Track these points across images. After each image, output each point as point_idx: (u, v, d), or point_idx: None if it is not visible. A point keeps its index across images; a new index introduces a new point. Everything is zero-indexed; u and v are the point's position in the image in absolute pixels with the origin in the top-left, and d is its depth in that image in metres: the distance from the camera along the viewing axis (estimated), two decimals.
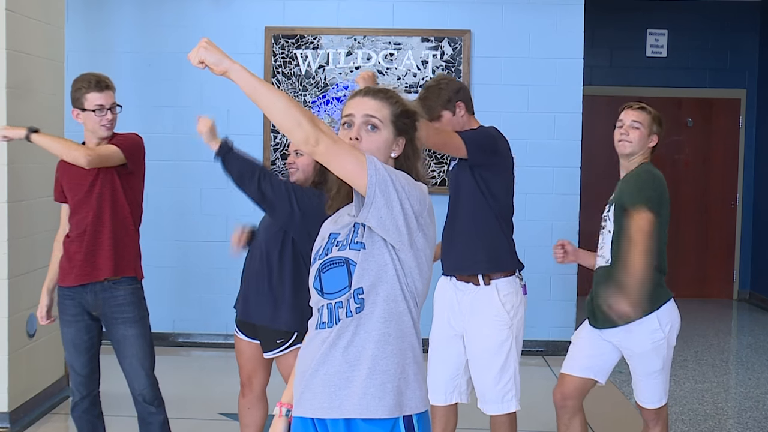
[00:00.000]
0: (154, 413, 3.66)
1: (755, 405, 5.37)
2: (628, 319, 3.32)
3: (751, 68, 8.96)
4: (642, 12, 8.84)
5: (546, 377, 5.87)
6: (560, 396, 3.59)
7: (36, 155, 4.80)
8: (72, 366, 3.68)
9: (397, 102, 2.16)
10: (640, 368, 3.48)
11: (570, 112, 6.47)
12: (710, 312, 8.43)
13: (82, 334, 3.62)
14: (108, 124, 3.54)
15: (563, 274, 6.47)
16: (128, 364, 3.62)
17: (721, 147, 9.06)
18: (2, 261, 4.50)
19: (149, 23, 6.54)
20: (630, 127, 3.46)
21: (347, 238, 2.12)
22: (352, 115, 2.13)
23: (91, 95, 3.51)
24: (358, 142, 2.09)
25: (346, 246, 2.10)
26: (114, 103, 3.57)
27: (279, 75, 6.50)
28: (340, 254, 2.10)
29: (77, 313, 3.61)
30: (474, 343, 3.52)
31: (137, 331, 3.60)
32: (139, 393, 3.63)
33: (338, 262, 2.10)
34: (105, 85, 3.54)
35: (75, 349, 3.63)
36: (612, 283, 3.35)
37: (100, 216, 3.53)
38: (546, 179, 6.40)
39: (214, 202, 6.48)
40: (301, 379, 2.13)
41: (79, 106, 3.55)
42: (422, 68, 6.48)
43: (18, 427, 4.55)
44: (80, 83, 3.55)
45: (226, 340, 6.52)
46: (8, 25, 4.46)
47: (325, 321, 2.09)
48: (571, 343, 3.67)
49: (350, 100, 2.17)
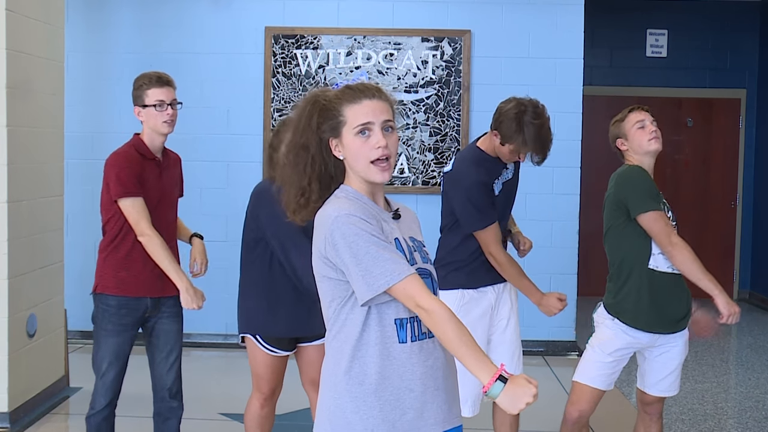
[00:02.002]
0: (176, 408, 3.67)
1: (755, 405, 5.37)
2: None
3: (751, 68, 8.96)
4: (642, 12, 8.84)
5: (546, 377, 5.87)
6: (578, 414, 3.51)
7: (36, 155, 4.81)
8: (104, 374, 3.53)
9: (389, 98, 2.16)
10: (681, 359, 3.53)
11: (570, 112, 6.47)
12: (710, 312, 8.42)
13: (127, 346, 3.56)
14: (169, 119, 3.53)
15: (563, 274, 6.46)
16: (164, 357, 3.62)
17: (721, 147, 9.06)
18: (2, 261, 4.50)
19: (149, 23, 6.54)
20: (653, 123, 3.49)
21: (418, 250, 2.16)
22: (372, 123, 2.07)
23: (152, 91, 3.51)
24: (386, 149, 2.07)
25: (427, 260, 2.18)
26: (174, 99, 3.57)
27: (279, 75, 6.50)
28: (425, 267, 2.15)
29: (131, 323, 3.54)
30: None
31: (179, 326, 3.67)
32: (168, 388, 3.63)
33: (425, 275, 2.13)
34: (166, 81, 3.55)
35: (117, 359, 3.53)
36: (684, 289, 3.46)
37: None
38: (546, 179, 6.40)
39: (214, 202, 6.48)
40: (421, 395, 2.07)
41: (140, 104, 3.54)
42: (422, 68, 6.48)
43: (18, 427, 4.55)
44: (141, 80, 3.55)
45: (226, 340, 6.52)
46: (8, 25, 4.46)
47: (425, 332, 2.09)
48: (600, 353, 3.47)
49: (353, 104, 2.08)
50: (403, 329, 2.06)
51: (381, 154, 2.06)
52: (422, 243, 2.21)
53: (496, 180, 3.59)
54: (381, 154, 2.06)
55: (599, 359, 3.45)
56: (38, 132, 4.84)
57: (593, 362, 3.46)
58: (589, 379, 3.47)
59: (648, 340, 3.45)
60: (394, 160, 2.10)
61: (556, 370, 6.00)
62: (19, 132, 4.61)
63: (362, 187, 2.13)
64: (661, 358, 3.50)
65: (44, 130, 4.92)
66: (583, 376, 3.49)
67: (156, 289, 3.54)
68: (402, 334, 2.06)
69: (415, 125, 6.51)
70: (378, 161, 2.07)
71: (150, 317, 3.59)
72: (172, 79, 3.60)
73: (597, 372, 3.46)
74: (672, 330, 3.47)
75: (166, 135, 3.57)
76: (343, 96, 2.10)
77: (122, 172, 3.43)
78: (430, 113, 6.50)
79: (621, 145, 3.56)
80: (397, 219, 2.17)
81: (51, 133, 5.01)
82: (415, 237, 2.19)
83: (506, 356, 3.62)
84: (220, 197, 6.44)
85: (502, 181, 3.63)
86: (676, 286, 3.47)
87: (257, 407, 3.60)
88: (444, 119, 6.50)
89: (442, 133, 6.50)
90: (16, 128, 4.57)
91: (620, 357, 3.47)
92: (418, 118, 6.51)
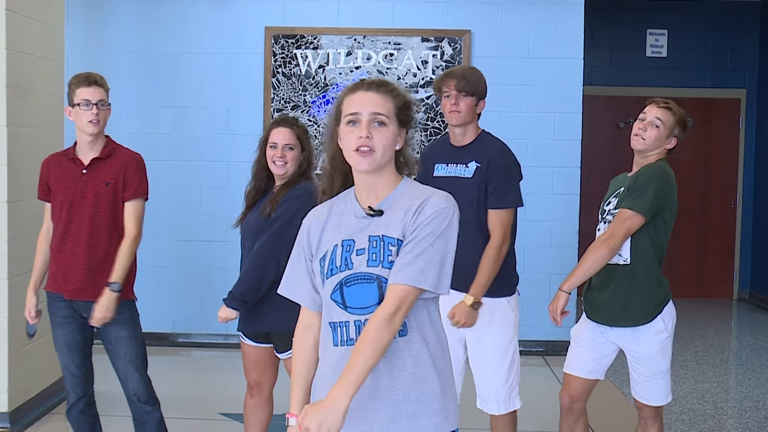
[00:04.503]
0: (150, 412, 3.66)
1: (755, 405, 5.37)
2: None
3: (751, 68, 8.96)
4: (642, 12, 8.84)
5: (546, 377, 5.87)
6: (569, 399, 3.54)
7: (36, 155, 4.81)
8: (66, 367, 3.65)
9: (398, 95, 2.15)
10: (648, 369, 3.43)
11: (570, 112, 6.47)
12: (710, 312, 8.43)
13: (76, 335, 3.61)
14: (94, 119, 3.48)
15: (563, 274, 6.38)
16: (121, 365, 3.62)
17: (721, 147, 9.07)
18: (2, 261, 4.50)
19: (149, 23, 6.54)
20: (650, 123, 3.38)
21: (376, 253, 2.06)
22: (359, 113, 2.09)
23: (80, 90, 3.50)
24: (368, 139, 2.07)
25: (377, 263, 2.05)
26: (102, 100, 3.52)
27: (279, 75, 6.50)
28: (371, 271, 2.05)
29: (69, 315, 3.60)
30: (482, 345, 3.49)
31: (129, 332, 3.61)
32: (134, 393, 3.63)
33: (367, 279, 2.06)
34: (93, 81, 3.53)
35: (69, 350, 3.61)
36: (635, 281, 3.33)
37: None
38: (546, 179, 6.40)
39: (214, 202, 6.48)
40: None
41: (70, 103, 3.55)
42: (422, 68, 6.48)
43: (18, 427, 4.56)
44: (72, 80, 3.57)
45: (226, 340, 6.52)
46: (8, 25, 4.46)
47: (353, 338, 2.06)
48: (573, 341, 3.59)
49: (350, 95, 2.13)
50: (335, 332, 2.13)
51: (360, 143, 2.07)
52: (393, 241, 2.06)
53: (443, 164, 3.52)
54: (360, 144, 2.07)
55: (571, 345, 3.58)
56: (38, 132, 4.84)
57: (569, 349, 3.59)
58: (566, 365, 3.57)
59: (609, 334, 3.46)
60: (380, 153, 2.08)
61: (555, 370, 5.99)
62: (19, 132, 4.61)
63: (356, 178, 2.16)
64: (636, 364, 3.48)
65: (44, 130, 4.92)
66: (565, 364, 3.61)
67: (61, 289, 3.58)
68: (335, 337, 2.13)
69: (415, 125, 6.50)
70: (359, 150, 2.08)
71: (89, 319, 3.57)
72: (104, 81, 3.58)
73: (570, 357, 3.56)
74: (598, 320, 3.45)
75: (93, 135, 3.52)
76: (347, 88, 2.17)
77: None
78: (430, 113, 6.50)
79: None
80: (379, 215, 2.11)
81: (51, 133, 5.01)
82: (388, 234, 2.07)
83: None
84: (220, 197, 6.45)
85: (453, 173, 3.50)
86: (603, 278, 3.42)
87: (247, 396, 3.74)
88: (444, 119, 6.50)
89: (442, 133, 6.50)
90: (16, 128, 4.57)
91: (584, 343, 3.50)
92: (418, 118, 6.51)
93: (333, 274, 2.09)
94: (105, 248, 3.53)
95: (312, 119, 6.52)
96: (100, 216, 3.52)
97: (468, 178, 3.41)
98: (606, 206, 3.49)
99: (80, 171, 3.55)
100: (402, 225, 2.07)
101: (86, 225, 3.51)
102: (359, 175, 2.14)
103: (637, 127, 3.42)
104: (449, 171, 3.48)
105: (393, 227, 2.07)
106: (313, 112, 6.53)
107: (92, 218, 3.51)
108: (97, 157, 3.56)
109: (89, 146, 3.56)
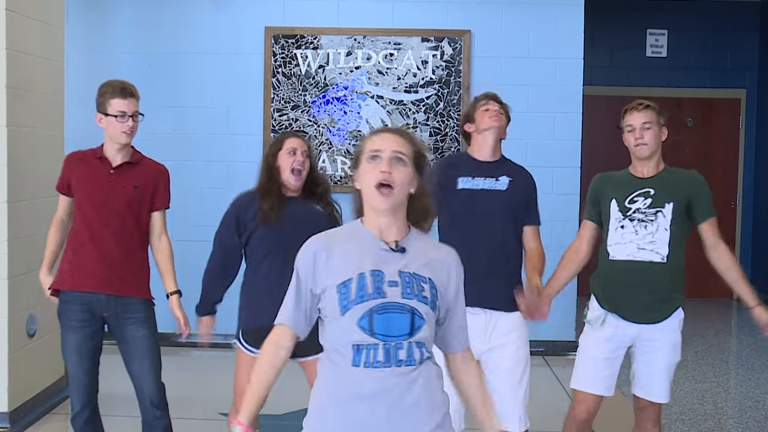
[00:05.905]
0: (159, 417, 3.64)
1: (755, 405, 5.37)
2: None
3: (751, 68, 8.96)
4: (642, 12, 8.84)
5: (546, 377, 5.87)
6: (587, 415, 3.53)
7: (36, 155, 4.81)
8: (73, 373, 3.58)
9: (416, 142, 2.27)
10: (667, 361, 3.46)
11: (570, 112, 6.47)
12: (710, 312, 8.43)
13: (88, 340, 3.56)
14: (128, 131, 3.55)
15: None
16: (138, 365, 3.58)
17: (721, 147, 9.06)
18: (2, 261, 4.50)
19: (149, 23, 6.54)
20: (642, 129, 3.44)
21: (410, 287, 2.15)
22: (381, 150, 2.19)
23: (115, 101, 3.52)
24: (389, 174, 2.15)
25: (412, 296, 2.15)
26: (136, 111, 3.58)
27: (279, 75, 6.50)
28: (406, 302, 2.14)
29: (85, 319, 3.54)
30: (505, 360, 3.44)
31: (147, 331, 3.61)
32: (148, 396, 3.60)
33: (401, 309, 2.14)
34: (129, 93, 3.56)
35: (78, 356, 3.55)
36: (674, 277, 3.41)
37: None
38: (546, 179, 6.38)
39: (214, 202, 6.46)
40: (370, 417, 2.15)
41: (102, 111, 3.56)
42: (422, 68, 6.48)
43: (18, 427, 4.56)
44: (105, 88, 3.56)
45: (225, 340, 6.48)
46: (8, 25, 4.46)
47: (381, 360, 2.12)
48: (587, 357, 3.52)
49: (373, 136, 2.25)
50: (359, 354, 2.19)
51: (381, 177, 2.15)
52: (425, 279, 2.19)
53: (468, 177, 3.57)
54: (382, 178, 2.15)
55: (585, 360, 3.59)
56: (38, 132, 4.84)
57: (583, 364, 3.59)
58: (583, 383, 3.59)
59: (644, 330, 3.46)
60: (398, 190, 2.17)
61: (555, 370, 5.99)
62: (19, 132, 4.61)
63: (370, 219, 2.22)
64: (655, 356, 3.48)
65: (44, 130, 4.92)
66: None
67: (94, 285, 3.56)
68: (356, 358, 2.19)
69: (415, 125, 6.51)
70: (381, 187, 2.15)
71: (110, 316, 3.56)
72: (136, 91, 3.62)
73: (587, 375, 3.58)
74: (651, 320, 3.45)
75: (124, 145, 3.59)
76: (370, 132, 2.32)
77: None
78: (430, 113, 6.50)
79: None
80: (401, 252, 2.20)
81: (51, 133, 5.01)
82: (419, 273, 2.18)
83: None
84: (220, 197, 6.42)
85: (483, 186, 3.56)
86: (630, 275, 3.46)
87: (230, 415, 3.59)
88: (444, 119, 6.50)
89: (442, 133, 6.50)
90: (16, 128, 4.57)
91: (602, 360, 3.50)
92: (418, 118, 6.51)
93: (363, 300, 2.14)
94: (130, 245, 3.59)
95: (312, 119, 6.53)
96: (128, 213, 3.57)
97: (502, 190, 3.57)
98: (629, 204, 3.49)
99: (108, 170, 3.58)
100: (429, 269, 2.21)
101: (115, 220, 3.55)
102: (376, 213, 2.21)
103: (633, 137, 3.48)
104: (476, 184, 3.54)
105: (421, 268, 2.20)
106: (313, 112, 6.53)
107: (120, 215, 3.55)
108: (127, 161, 3.62)
109: (117, 151, 3.61)
